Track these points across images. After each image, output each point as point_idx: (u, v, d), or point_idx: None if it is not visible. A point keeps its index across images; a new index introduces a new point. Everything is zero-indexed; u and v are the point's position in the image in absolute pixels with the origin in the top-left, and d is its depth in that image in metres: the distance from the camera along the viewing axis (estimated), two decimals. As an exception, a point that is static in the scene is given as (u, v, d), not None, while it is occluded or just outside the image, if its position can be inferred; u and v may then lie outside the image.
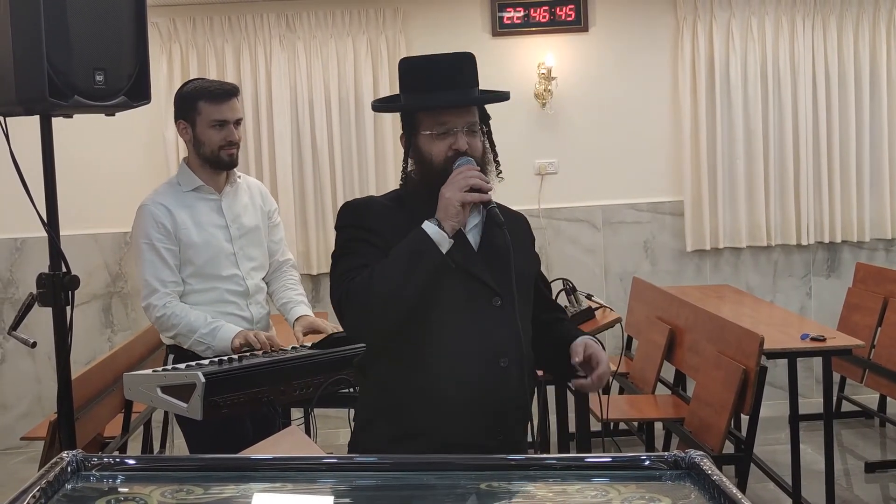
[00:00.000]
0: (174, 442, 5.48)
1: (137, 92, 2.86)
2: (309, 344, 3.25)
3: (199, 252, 3.32)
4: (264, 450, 2.22)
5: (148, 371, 3.08)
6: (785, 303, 6.10)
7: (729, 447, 4.38)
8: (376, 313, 2.20)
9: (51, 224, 2.77)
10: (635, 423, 5.37)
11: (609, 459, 1.79)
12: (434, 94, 2.28)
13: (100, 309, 5.96)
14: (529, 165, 6.02)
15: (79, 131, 3.99)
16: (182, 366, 3.04)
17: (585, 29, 6.01)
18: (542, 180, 6.06)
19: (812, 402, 5.67)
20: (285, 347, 3.25)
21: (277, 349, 3.20)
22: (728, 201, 6.10)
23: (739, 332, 4.18)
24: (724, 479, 1.59)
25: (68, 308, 2.77)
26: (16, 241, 5.86)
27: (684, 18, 6.00)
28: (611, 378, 4.16)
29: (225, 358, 3.05)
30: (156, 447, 5.18)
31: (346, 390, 3.08)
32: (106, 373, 4.09)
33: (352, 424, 2.44)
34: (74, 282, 2.77)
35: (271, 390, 2.97)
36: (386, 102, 2.67)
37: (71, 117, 2.85)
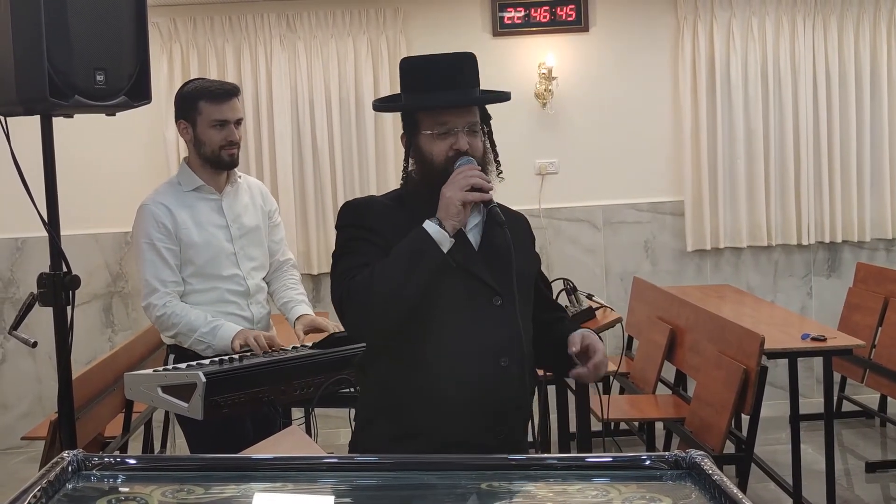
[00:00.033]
0: (175, 442, 5.49)
1: (138, 92, 2.85)
2: (309, 344, 3.25)
3: (200, 252, 3.32)
4: (265, 449, 2.22)
5: (149, 371, 3.08)
6: (785, 303, 6.10)
7: (730, 447, 4.38)
8: (377, 312, 2.20)
9: (51, 224, 2.77)
10: (636, 423, 5.37)
11: (610, 459, 1.79)
12: (435, 94, 2.28)
13: (100, 309, 5.96)
14: (530, 165, 6.02)
15: (79, 131, 3.99)
16: (183, 365, 3.04)
17: (586, 29, 6.01)
18: (543, 180, 6.06)
19: (813, 402, 5.67)
20: (286, 347, 3.25)
21: (278, 349, 3.20)
22: (729, 201, 6.10)
23: (740, 332, 4.18)
24: (725, 479, 1.59)
25: (69, 308, 2.77)
26: (16, 241, 5.86)
27: (685, 18, 6.00)
28: (611, 377, 4.20)
29: (226, 358, 3.05)
30: (156, 447, 5.18)
31: (347, 390, 3.08)
32: (106, 372, 4.09)
33: (352, 424, 2.44)
34: (75, 281, 2.77)
35: (272, 390, 2.97)
36: (387, 102, 2.67)
37: (71, 117, 2.85)
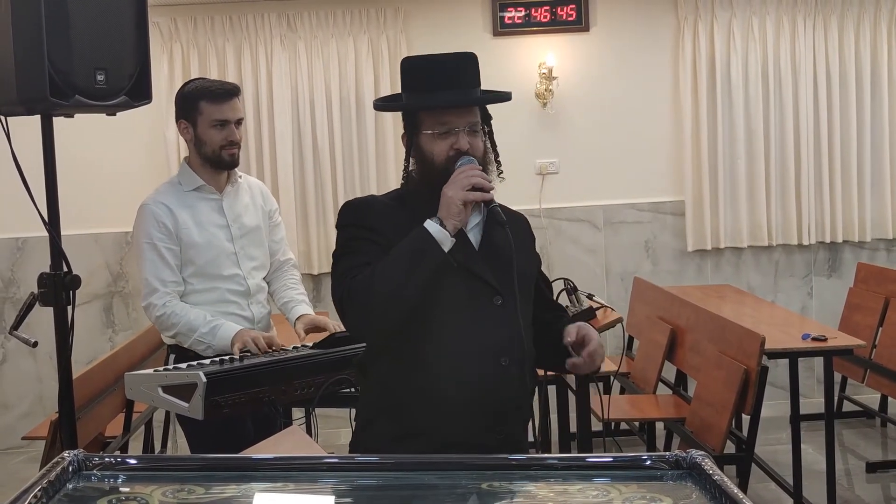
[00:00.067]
0: (176, 442, 5.50)
1: (138, 91, 2.85)
2: (310, 343, 3.25)
3: (201, 252, 3.32)
4: (265, 449, 2.22)
5: (149, 371, 3.08)
6: (786, 303, 6.10)
7: (730, 447, 4.38)
8: (378, 311, 2.19)
9: (52, 224, 2.77)
10: (636, 423, 5.36)
11: (610, 459, 1.78)
12: (436, 94, 2.28)
13: (101, 308, 5.96)
14: (530, 165, 6.02)
15: (80, 131, 3.99)
16: (183, 365, 3.04)
17: (586, 29, 6.01)
18: (543, 180, 6.05)
19: (813, 402, 5.67)
20: (286, 347, 3.25)
21: (278, 349, 3.20)
22: (729, 201, 6.10)
23: (740, 332, 4.18)
24: (726, 479, 1.59)
25: (69, 308, 2.77)
26: (17, 241, 5.86)
27: (685, 18, 5.99)
28: (612, 377, 4.20)
29: (226, 358, 3.05)
30: (157, 447, 5.18)
31: (348, 390, 3.08)
32: (107, 372, 4.09)
33: (353, 424, 2.44)
34: (76, 281, 2.77)
35: (272, 390, 2.97)
36: (388, 102, 2.67)
37: (72, 117, 2.85)
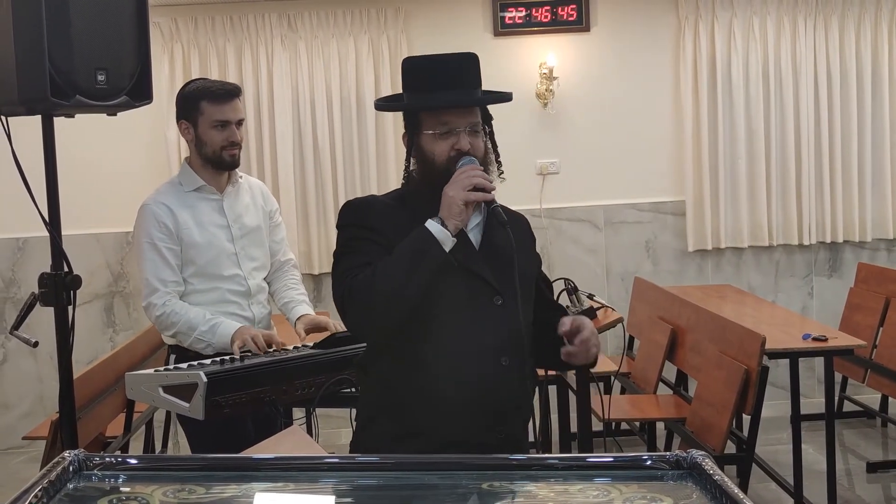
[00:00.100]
0: (176, 442, 5.50)
1: (139, 91, 2.85)
2: (311, 343, 3.25)
3: (201, 252, 3.32)
4: (266, 449, 2.22)
5: (150, 371, 3.08)
6: (787, 303, 6.10)
7: (730, 447, 4.38)
8: (379, 311, 2.20)
9: (52, 224, 2.77)
10: (637, 423, 5.36)
11: (611, 459, 1.79)
12: (437, 94, 2.28)
13: (102, 308, 5.96)
14: (531, 165, 6.02)
15: (80, 131, 3.99)
16: (184, 365, 3.04)
17: (587, 29, 6.01)
18: (544, 180, 6.05)
19: (814, 402, 5.67)
20: (287, 347, 3.25)
21: (279, 348, 3.20)
22: (730, 201, 6.09)
23: (741, 332, 4.18)
24: (726, 479, 1.59)
25: (70, 308, 2.77)
26: (18, 241, 5.86)
27: (686, 18, 5.99)
28: (613, 377, 4.20)
29: (227, 358, 3.04)
30: (157, 447, 5.18)
31: (348, 390, 3.08)
32: (108, 372, 4.09)
33: (353, 424, 2.44)
34: (76, 281, 2.77)
35: (273, 390, 2.97)
36: (389, 102, 2.67)
37: (73, 117, 2.85)
